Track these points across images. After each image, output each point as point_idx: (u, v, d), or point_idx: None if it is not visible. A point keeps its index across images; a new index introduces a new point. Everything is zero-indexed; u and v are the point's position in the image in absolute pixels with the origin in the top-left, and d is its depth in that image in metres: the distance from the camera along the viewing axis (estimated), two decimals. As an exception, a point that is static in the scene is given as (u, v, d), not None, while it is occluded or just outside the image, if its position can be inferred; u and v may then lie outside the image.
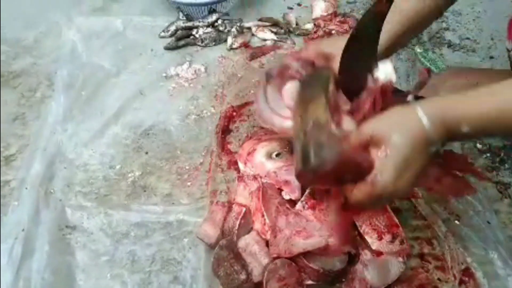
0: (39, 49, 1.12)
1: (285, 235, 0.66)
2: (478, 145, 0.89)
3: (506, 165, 0.86)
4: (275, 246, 0.66)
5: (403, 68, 1.05)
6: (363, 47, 0.64)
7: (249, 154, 0.79)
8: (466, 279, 0.69)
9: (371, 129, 0.56)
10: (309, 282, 0.66)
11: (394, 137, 0.53)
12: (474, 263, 0.71)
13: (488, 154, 0.88)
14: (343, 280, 0.68)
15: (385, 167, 0.54)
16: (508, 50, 0.84)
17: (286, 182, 0.73)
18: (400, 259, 0.67)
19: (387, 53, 0.70)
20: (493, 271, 0.70)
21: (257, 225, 0.72)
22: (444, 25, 1.17)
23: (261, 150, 0.79)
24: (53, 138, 0.91)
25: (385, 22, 0.61)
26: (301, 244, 0.65)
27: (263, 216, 0.71)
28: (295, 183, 0.71)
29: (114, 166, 0.87)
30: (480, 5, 1.22)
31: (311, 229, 0.66)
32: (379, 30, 0.62)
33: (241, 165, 0.79)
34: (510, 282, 0.69)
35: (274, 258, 0.66)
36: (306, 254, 0.65)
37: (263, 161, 0.77)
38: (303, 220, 0.68)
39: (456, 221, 0.76)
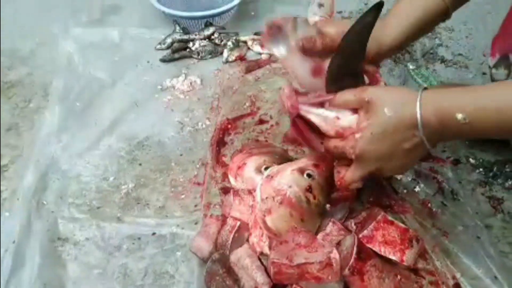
0: (35, 60, 1.12)
1: (290, 245, 0.66)
2: (471, 160, 0.90)
3: (499, 180, 0.87)
4: (277, 251, 0.65)
5: (396, 84, 1.06)
6: (350, 59, 0.64)
7: (239, 168, 0.79)
8: (457, 294, 0.69)
9: (371, 94, 0.60)
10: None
11: (384, 109, 0.58)
12: (463, 278, 0.70)
13: (481, 169, 0.89)
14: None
15: (365, 131, 0.60)
16: (490, 67, 0.85)
17: None
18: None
19: (394, 49, 0.70)
20: (483, 286, 0.70)
21: (254, 239, 0.71)
22: (437, 41, 1.19)
23: (251, 164, 0.78)
24: (46, 149, 0.90)
25: (392, 16, 0.68)
26: (304, 254, 0.65)
27: (261, 229, 0.70)
28: None
29: (107, 178, 0.87)
30: (472, 22, 1.24)
31: (316, 246, 0.66)
32: (366, 42, 0.63)
33: (231, 179, 0.79)
34: (499, 297, 0.69)
35: (273, 263, 0.65)
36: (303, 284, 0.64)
37: (252, 176, 0.76)
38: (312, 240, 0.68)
39: (444, 237, 0.75)
